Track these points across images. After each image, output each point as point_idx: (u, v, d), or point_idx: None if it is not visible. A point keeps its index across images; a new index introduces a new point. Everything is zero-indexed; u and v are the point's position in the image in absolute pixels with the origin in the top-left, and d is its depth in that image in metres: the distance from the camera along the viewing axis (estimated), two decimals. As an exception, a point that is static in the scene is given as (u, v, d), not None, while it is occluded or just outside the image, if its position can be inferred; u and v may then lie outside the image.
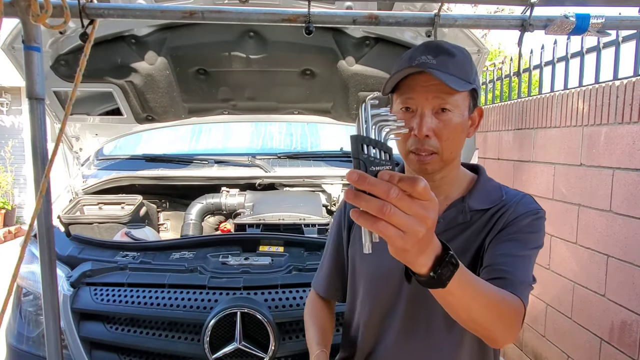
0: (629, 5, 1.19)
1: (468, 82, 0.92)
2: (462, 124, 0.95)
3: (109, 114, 2.13)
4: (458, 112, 0.93)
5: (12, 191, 7.83)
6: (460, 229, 0.98)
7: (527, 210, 0.97)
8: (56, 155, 1.09)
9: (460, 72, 0.92)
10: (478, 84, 0.97)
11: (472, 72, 0.95)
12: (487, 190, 1.03)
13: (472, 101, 0.96)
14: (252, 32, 1.78)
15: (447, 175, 1.01)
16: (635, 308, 2.03)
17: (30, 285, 1.73)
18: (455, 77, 0.90)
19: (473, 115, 0.99)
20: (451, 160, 0.98)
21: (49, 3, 1.01)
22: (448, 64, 0.91)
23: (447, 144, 0.94)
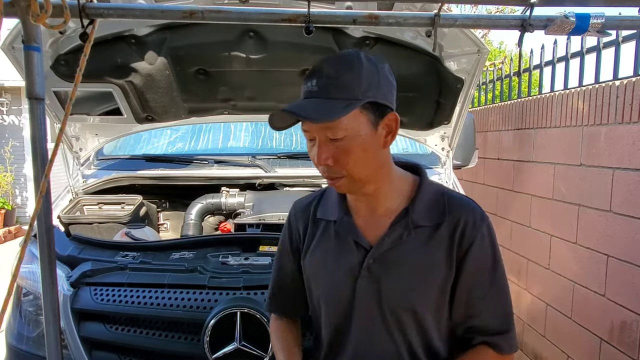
0: (629, 5, 1.19)
1: (353, 100, 0.86)
2: (363, 143, 0.89)
3: (109, 114, 2.13)
4: (353, 134, 0.88)
5: (12, 191, 7.83)
6: (408, 246, 0.95)
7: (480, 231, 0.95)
8: (56, 155, 1.09)
9: (344, 92, 0.86)
10: (377, 92, 0.89)
11: (362, 85, 0.87)
12: (430, 200, 0.98)
13: (372, 113, 0.90)
14: (252, 32, 1.78)
15: (381, 187, 0.98)
16: (635, 308, 2.03)
17: (30, 285, 1.73)
18: (335, 102, 0.85)
19: (385, 122, 0.92)
20: (367, 177, 0.94)
21: (49, 3, 1.01)
22: (330, 87, 0.87)
23: (351, 168, 0.91)
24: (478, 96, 4.27)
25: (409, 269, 0.95)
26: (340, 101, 0.86)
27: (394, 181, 1.00)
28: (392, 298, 0.95)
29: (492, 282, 0.96)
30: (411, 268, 0.94)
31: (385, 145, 0.94)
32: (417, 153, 2.71)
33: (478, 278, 0.95)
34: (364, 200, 1.00)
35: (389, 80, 0.93)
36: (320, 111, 0.85)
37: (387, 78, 0.92)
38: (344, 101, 0.86)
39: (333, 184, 0.95)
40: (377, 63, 0.91)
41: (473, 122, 2.62)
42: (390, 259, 0.95)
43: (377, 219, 0.99)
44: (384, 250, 0.95)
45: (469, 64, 1.85)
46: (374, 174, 0.95)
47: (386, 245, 0.96)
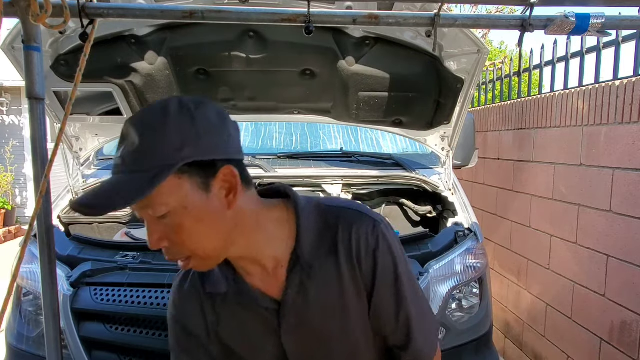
0: (629, 5, 1.19)
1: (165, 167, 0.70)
2: (197, 214, 0.74)
3: (109, 114, 2.13)
4: (177, 208, 0.73)
5: (12, 191, 7.83)
6: (314, 291, 0.86)
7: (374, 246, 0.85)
8: (56, 155, 1.09)
9: (149, 161, 0.70)
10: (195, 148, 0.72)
11: (173, 146, 0.70)
12: (315, 233, 0.86)
13: (197, 175, 0.73)
14: (252, 32, 1.78)
15: (252, 243, 0.84)
16: (635, 308, 2.03)
17: (30, 285, 1.73)
18: (140, 175, 0.70)
19: (220, 180, 0.76)
20: (220, 247, 0.80)
21: (48, 3, 1.01)
22: (131, 158, 0.71)
23: (192, 245, 0.76)
24: (478, 96, 4.26)
25: (322, 312, 0.87)
26: (144, 174, 0.69)
27: (266, 228, 0.85)
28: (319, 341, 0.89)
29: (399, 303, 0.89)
30: (323, 310, 0.87)
31: (229, 205, 0.77)
32: (417, 153, 2.72)
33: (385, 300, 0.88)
34: (246, 262, 0.87)
35: (217, 126, 0.76)
36: (113, 196, 0.70)
37: (211, 125, 0.75)
38: (150, 172, 0.69)
39: (184, 266, 0.80)
40: (195, 109, 0.74)
41: (473, 122, 2.62)
42: (302, 310, 0.87)
43: (271, 274, 0.87)
44: (291, 303, 0.87)
45: (469, 64, 1.84)
46: (227, 241, 0.80)
47: (292, 297, 0.86)
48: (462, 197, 2.26)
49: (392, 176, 2.37)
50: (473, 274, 1.81)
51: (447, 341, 1.70)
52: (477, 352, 1.79)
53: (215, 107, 0.77)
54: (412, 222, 2.63)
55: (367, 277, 0.86)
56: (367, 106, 2.10)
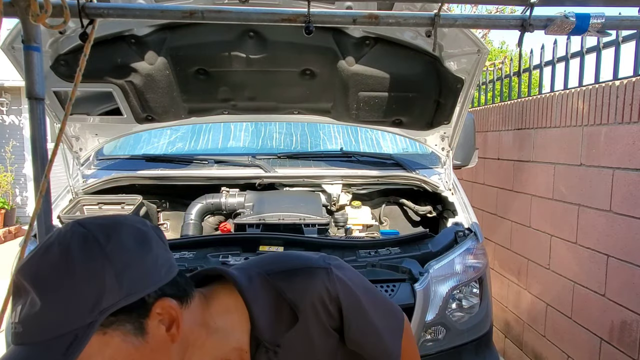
0: (629, 5, 1.19)
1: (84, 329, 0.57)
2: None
3: (109, 114, 2.13)
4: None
5: (12, 191, 7.83)
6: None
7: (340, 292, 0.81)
8: (56, 155, 1.09)
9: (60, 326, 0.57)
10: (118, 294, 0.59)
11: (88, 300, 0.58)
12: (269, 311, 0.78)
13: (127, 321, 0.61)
14: (252, 32, 1.78)
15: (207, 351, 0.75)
16: (635, 308, 2.03)
17: (30, 285, 1.73)
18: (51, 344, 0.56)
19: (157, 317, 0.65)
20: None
21: (48, 3, 1.01)
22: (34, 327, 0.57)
23: None
24: (478, 96, 4.26)
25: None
26: (55, 344, 0.56)
27: (218, 328, 0.76)
28: None
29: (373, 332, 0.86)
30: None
31: (173, 339, 0.66)
32: (417, 153, 2.72)
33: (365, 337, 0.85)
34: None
35: (138, 254, 0.63)
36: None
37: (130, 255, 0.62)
38: (64, 339, 0.56)
39: None
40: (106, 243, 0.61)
41: (473, 122, 2.62)
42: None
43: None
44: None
45: (469, 64, 1.85)
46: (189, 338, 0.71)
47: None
48: (462, 197, 2.26)
49: (392, 176, 2.37)
50: (473, 274, 1.81)
51: (447, 341, 1.70)
52: (477, 352, 1.79)
53: (131, 230, 0.65)
54: (412, 222, 2.63)
55: (335, 321, 0.82)
56: (367, 106, 2.10)
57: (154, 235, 0.68)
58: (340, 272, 0.83)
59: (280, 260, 0.87)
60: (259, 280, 0.79)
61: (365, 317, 0.85)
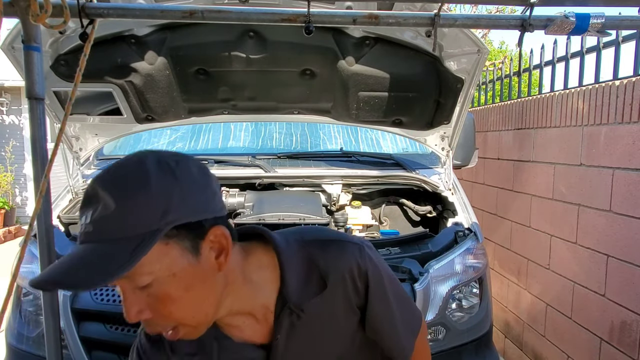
0: (629, 5, 1.19)
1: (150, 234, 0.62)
2: (184, 281, 0.67)
3: (109, 114, 2.13)
4: (164, 276, 0.66)
5: (12, 191, 7.83)
6: (304, 332, 0.82)
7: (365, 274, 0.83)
8: (56, 155, 1.09)
9: (131, 228, 0.62)
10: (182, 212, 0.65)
11: (157, 210, 0.63)
12: (301, 272, 0.81)
13: (186, 239, 0.67)
14: (252, 32, 1.78)
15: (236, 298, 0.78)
16: (635, 308, 2.03)
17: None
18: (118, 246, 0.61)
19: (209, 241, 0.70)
20: (211, 315, 0.74)
21: (48, 3, 1.01)
22: (107, 226, 0.62)
23: (179, 315, 0.69)
24: (478, 96, 4.26)
25: (317, 351, 0.84)
26: (124, 243, 0.61)
27: (252, 279, 0.80)
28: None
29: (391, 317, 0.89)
30: (318, 349, 0.84)
31: (220, 267, 0.71)
32: (417, 153, 2.72)
33: (384, 318, 0.88)
34: (231, 316, 0.81)
35: (201, 183, 0.70)
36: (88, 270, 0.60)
37: (196, 182, 0.69)
38: (132, 241, 0.62)
39: (172, 337, 0.72)
40: (176, 166, 0.67)
41: (473, 122, 2.62)
42: (293, 352, 0.83)
43: (259, 322, 0.83)
44: (283, 348, 0.82)
45: (469, 64, 1.85)
46: (217, 305, 0.74)
47: (282, 343, 0.82)
48: (462, 197, 2.26)
49: (392, 176, 2.37)
50: (473, 274, 1.81)
51: (447, 341, 1.70)
52: (477, 352, 1.79)
53: (196, 162, 0.71)
54: (412, 222, 2.63)
55: (362, 300, 0.85)
56: (367, 106, 2.10)
57: (214, 176, 0.75)
58: (372, 253, 0.87)
59: (317, 230, 0.94)
60: (295, 245, 0.83)
61: (387, 304, 0.87)
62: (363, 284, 0.83)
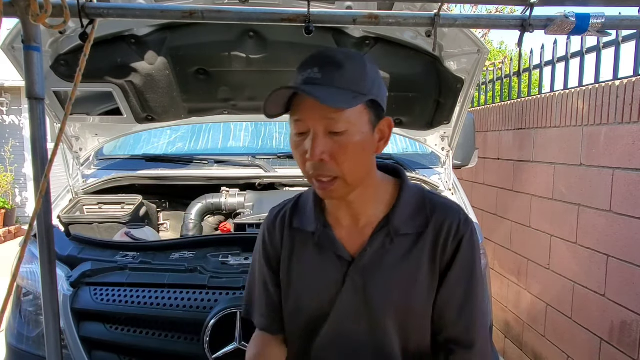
0: (629, 5, 1.19)
1: (360, 94, 0.82)
2: (362, 142, 0.84)
3: (109, 114, 2.13)
4: (354, 130, 0.83)
5: (12, 191, 7.83)
6: (391, 256, 0.92)
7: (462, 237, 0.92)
8: (56, 155, 1.09)
9: (351, 84, 0.82)
10: (378, 92, 0.86)
11: (368, 82, 0.84)
12: (412, 206, 0.94)
13: (373, 114, 0.86)
14: (252, 32, 1.78)
15: (363, 195, 0.92)
16: (635, 308, 2.03)
17: (30, 285, 1.73)
18: (343, 92, 0.80)
19: (380, 127, 0.89)
20: (359, 182, 0.89)
21: (48, 3, 1.01)
22: (334, 76, 0.81)
23: (348, 167, 0.84)
24: (478, 96, 4.27)
25: (393, 279, 0.91)
26: (347, 92, 0.81)
27: (376, 188, 0.95)
28: (377, 309, 0.92)
29: (468, 297, 0.93)
30: (394, 278, 0.91)
31: (377, 150, 0.90)
32: (417, 153, 2.72)
33: (456, 289, 0.93)
34: (344, 209, 0.94)
35: (384, 87, 0.91)
36: (332, 97, 0.78)
37: (383, 83, 0.90)
38: (351, 93, 0.81)
39: (324, 187, 0.86)
40: (377, 69, 0.89)
41: (473, 122, 2.62)
42: (373, 270, 0.92)
43: (358, 229, 0.95)
44: (366, 262, 0.92)
45: (469, 64, 1.85)
46: (368, 177, 0.91)
47: (368, 256, 0.92)
48: (462, 197, 2.26)
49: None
50: (473, 274, 1.81)
51: (447, 341, 1.70)
52: (477, 352, 1.78)
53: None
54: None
55: (446, 260, 0.92)
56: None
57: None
58: (475, 233, 0.95)
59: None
60: (419, 189, 0.98)
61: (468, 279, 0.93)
62: (454, 246, 0.91)
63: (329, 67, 0.82)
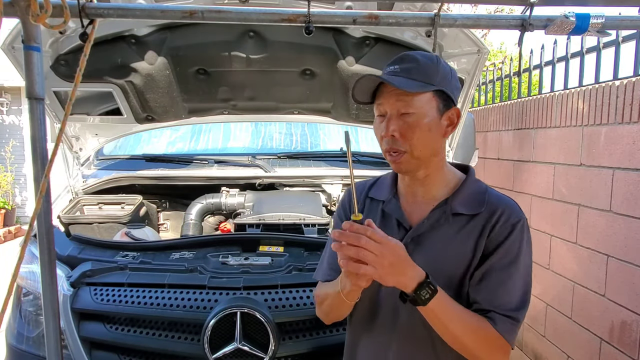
0: (629, 5, 1.19)
1: (429, 84, 1.00)
2: (429, 124, 1.01)
3: (109, 114, 2.13)
4: (422, 113, 1.01)
5: (12, 191, 7.83)
6: (443, 230, 1.05)
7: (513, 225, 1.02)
8: (56, 155, 1.09)
9: (423, 76, 1.01)
10: (448, 85, 1.03)
11: (438, 75, 1.02)
12: (471, 193, 1.07)
13: (441, 102, 1.03)
14: (252, 32, 1.78)
15: (431, 175, 1.08)
16: (635, 308, 2.03)
17: (30, 285, 1.73)
18: (415, 82, 0.99)
19: (449, 114, 1.04)
20: (425, 157, 1.04)
21: (48, 3, 1.01)
22: (411, 70, 1.01)
23: (414, 143, 1.01)
24: (478, 96, 4.27)
25: (440, 250, 1.04)
26: (419, 82, 0.99)
27: (443, 172, 1.10)
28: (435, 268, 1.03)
29: (510, 273, 1.04)
30: (442, 249, 1.04)
31: (445, 134, 1.06)
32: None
33: (498, 265, 1.03)
34: (413, 185, 1.11)
35: (458, 84, 1.08)
36: (404, 84, 0.98)
37: (457, 80, 1.07)
38: (422, 83, 1.00)
39: (394, 159, 1.05)
40: (452, 68, 1.06)
41: (473, 122, 2.62)
42: (425, 240, 1.06)
43: (421, 205, 1.09)
44: (422, 232, 1.06)
45: (469, 64, 1.85)
46: (430, 157, 1.05)
47: (424, 227, 1.06)
48: (462, 197, 2.26)
49: (392, 176, 2.37)
50: (473, 274, 1.81)
51: (447, 341, 1.70)
52: (477, 352, 1.78)
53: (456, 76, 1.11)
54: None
55: (495, 241, 1.02)
56: (367, 106, 2.09)
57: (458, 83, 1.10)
58: (527, 229, 1.06)
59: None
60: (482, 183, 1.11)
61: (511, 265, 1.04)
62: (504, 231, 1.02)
63: (407, 64, 1.01)
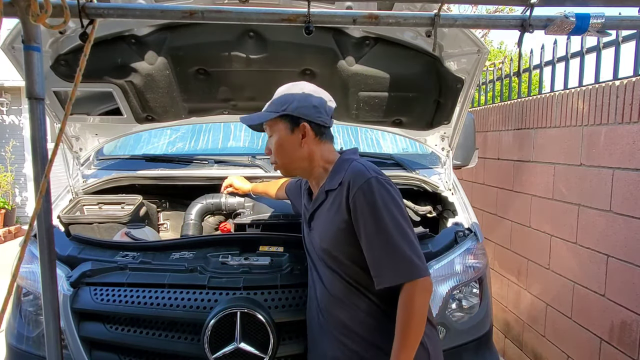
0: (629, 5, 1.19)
1: (273, 112, 1.34)
2: (284, 141, 1.35)
3: (109, 114, 2.13)
4: (277, 134, 1.36)
5: (12, 191, 7.83)
6: (323, 206, 1.34)
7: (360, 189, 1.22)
8: (56, 155, 1.09)
9: (275, 106, 1.36)
10: (294, 110, 1.33)
11: (284, 104, 1.34)
12: (336, 171, 1.33)
13: (289, 122, 1.34)
14: (252, 32, 1.78)
15: (313, 172, 1.40)
16: (635, 308, 2.03)
17: (30, 285, 1.73)
18: (266, 113, 1.37)
19: (300, 129, 1.34)
20: (292, 164, 1.39)
21: (48, 3, 1.01)
22: (270, 104, 1.38)
23: (276, 156, 1.38)
24: (478, 96, 4.27)
25: (323, 221, 1.33)
26: (268, 113, 1.36)
27: (325, 166, 1.38)
28: (316, 243, 1.35)
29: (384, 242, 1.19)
30: (325, 220, 1.32)
31: (302, 145, 1.36)
32: (417, 153, 2.72)
33: (363, 230, 1.21)
34: (311, 181, 1.45)
35: (310, 102, 1.34)
36: (253, 118, 1.40)
37: (307, 100, 1.34)
38: (270, 113, 1.36)
39: (275, 168, 1.42)
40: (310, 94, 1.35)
41: (473, 122, 2.62)
42: (315, 215, 1.39)
43: (317, 190, 1.41)
44: (312, 210, 1.40)
45: (469, 64, 1.85)
46: (296, 163, 1.38)
47: (313, 206, 1.39)
48: (462, 197, 2.26)
49: (392, 176, 2.36)
50: (473, 274, 1.81)
51: (447, 341, 1.70)
52: (477, 352, 1.78)
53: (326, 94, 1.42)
54: (412, 222, 2.62)
55: (351, 211, 1.23)
56: (367, 106, 2.10)
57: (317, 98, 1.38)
58: (374, 185, 1.22)
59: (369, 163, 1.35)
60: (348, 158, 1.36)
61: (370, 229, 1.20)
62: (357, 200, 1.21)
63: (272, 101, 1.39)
